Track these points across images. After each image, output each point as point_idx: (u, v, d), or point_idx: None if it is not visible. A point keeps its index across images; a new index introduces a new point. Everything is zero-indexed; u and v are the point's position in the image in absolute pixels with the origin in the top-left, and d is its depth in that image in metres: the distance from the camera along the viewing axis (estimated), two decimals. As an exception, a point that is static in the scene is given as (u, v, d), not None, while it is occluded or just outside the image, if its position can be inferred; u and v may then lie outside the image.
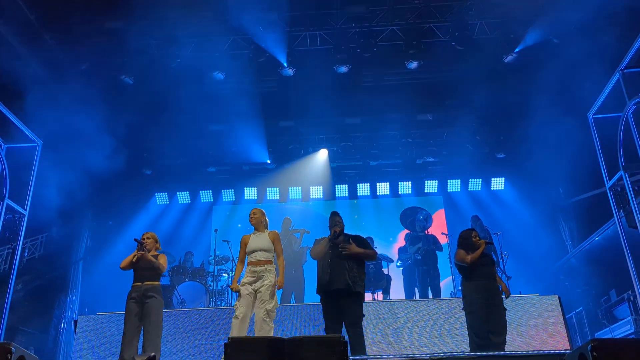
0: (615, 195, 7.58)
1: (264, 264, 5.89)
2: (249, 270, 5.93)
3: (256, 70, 9.97)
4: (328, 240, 6.11)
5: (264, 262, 5.90)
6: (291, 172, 12.55)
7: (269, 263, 5.93)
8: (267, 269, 5.87)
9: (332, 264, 5.94)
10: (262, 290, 5.75)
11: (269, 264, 5.91)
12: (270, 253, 5.99)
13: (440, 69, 10.14)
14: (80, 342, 7.58)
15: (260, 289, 5.77)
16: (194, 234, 12.74)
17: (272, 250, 6.01)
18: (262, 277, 5.82)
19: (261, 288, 5.77)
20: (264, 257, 5.93)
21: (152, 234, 6.56)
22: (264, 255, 5.93)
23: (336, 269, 5.91)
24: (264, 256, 5.93)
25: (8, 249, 9.11)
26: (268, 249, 5.97)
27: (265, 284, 5.77)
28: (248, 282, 5.85)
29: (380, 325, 7.42)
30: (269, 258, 5.94)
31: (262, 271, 5.85)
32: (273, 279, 5.84)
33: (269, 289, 5.77)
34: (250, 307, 5.78)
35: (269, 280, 5.80)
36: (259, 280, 5.81)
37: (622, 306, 8.67)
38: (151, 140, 11.60)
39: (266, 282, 5.79)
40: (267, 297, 5.72)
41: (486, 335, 5.91)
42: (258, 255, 5.94)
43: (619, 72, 7.26)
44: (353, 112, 11.35)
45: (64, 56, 9.20)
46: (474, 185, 12.87)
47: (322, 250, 6.07)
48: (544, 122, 10.41)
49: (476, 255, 6.18)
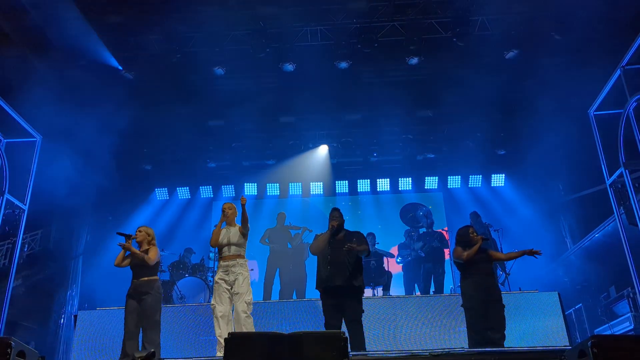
0: (616, 192, 7.58)
1: (235, 258, 5.99)
2: (220, 266, 6.02)
3: (256, 66, 9.94)
4: (327, 235, 6.12)
5: (235, 257, 6.00)
6: (291, 167, 12.54)
7: (241, 257, 6.04)
8: (239, 262, 5.99)
9: (332, 260, 5.95)
10: (238, 284, 5.84)
11: (240, 258, 6.02)
12: (241, 248, 6.07)
13: (441, 65, 10.10)
14: (80, 337, 7.59)
15: (234, 282, 5.84)
16: (194, 229, 12.74)
17: (243, 244, 6.09)
18: (235, 271, 5.90)
19: (236, 282, 5.84)
20: (235, 251, 6.02)
21: (144, 228, 6.51)
22: (235, 250, 6.02)
23: (336, 265, 5.92)
24: (235, 250, 6.02)
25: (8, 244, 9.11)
26: (239, 243, 6.05)
27: (239, 278, 5.86)
28: (222, 278, 5.93)
29: (380, 321, 7.43)
30: (239, 252, 6.04)
31: (234, 265, 5.94)
32: (247, 272, 5.95)
33: (244, 282, 5.86)
34: (228, 304, 5.87)
35: (243, 274, 5.90)
36: (231, 275, 5.88)
37: (622, 303, 8.69)
38: (151, 136, 11.59)
39: (239, 275, 5.88)
40: (243, 290, 5.83)
41: (484, 331, 5.93)
42: (229, 249, 6.01)
43: (620, 68, 7.25)
44: (353, 108, 11.32)
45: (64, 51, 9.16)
46: (474, 182, 12.87)
47: (321, 246, 6.09)
48: (544, 118, 10.40)
49: (472, 252, 6.21)
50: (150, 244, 6.39)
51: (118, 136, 10.84)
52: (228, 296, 5.87)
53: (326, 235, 6.13)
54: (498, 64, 9.68)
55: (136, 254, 6.17)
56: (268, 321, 7.44)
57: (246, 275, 5.94)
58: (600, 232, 9.54)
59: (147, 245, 6.37)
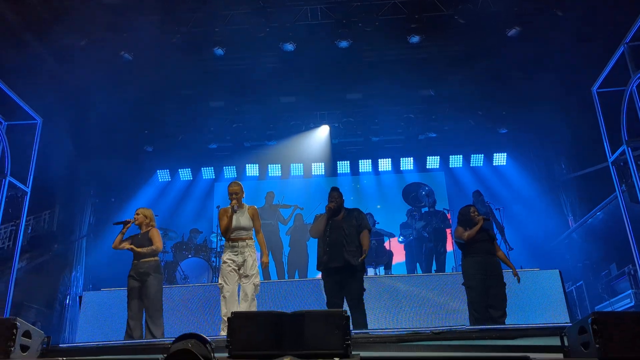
0: (618, 169, 7.57)
1: (245, 239, 5.94)
2: (229, 247, 5.96)
3: (256, 46, 9.86)
4: (325, 218, 6.12)
5: (244, 238, 5.94)
6: (292, 148, 12.52)
7: (250, 239, 5.98)
8: (248, 244, 5.93)
9: (330, 242, 5.97)
10: (247, 265, 5.81)
11: (249, 240, 5.97)
12: (250, 230, 6.02)
13: (443, 44, 10.02)
14: (85, 318, 7.67)
15: (243, 264, 5.83)
16: (197, 210, 12.78)
17: (252, 226, 6.03)
18: (244, 252, 5.86)
19: (245, 263, 5.82)
20: (245, 233, 5.97)
21: (143, 210, 6.51)
22: (244, 233, 5.97)
23: (334, 247, 5.94)
24: (244, 233, 5.97)
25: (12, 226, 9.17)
26: (248, 227, 6.00)
27: (249, 260, 5.83)
28: (230, 258, 5.89)
29: (382, 300, 7.49)
30: (249, 234, 5.99)
31: (244, 246, 5.90)
32: (254, 253, 5.91)
33: (253, 264, 5.84)
34: (235, 284, 5.85)
35: (251, 255, 5.87)
36: (240, 256, 5.85)
37: (623, 280, 8.72)
38: (152, 117, 11.57)
39: (248, 257, 5.85)
40: (253, 272, 5.81)
41: (485, 309, 5.98)
42: (239, 232, 5.96)
43: (624, 45, 7.18)
44: (354, 87, 11.25)
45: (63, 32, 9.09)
46: (476, 161, 12.83)
47: (320, 228, 6.09)
48: (547, 96, 10.35)
49: (472, 233, 6.25)
50: (149, 226, 6.41)
51: (119, 118, 10.83)
52: (236, 277, 5.86)
53: (324, 219, 6.11)
54: (500, 42, 9.59)
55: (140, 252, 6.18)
56: (271, 301, 7.50)
57: (254, 256, 5.90)
58: (602, 210, 9.55)
59: (145, 227, 6.39)
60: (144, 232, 6.36)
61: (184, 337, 2.95)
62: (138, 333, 6.04)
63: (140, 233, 6.39)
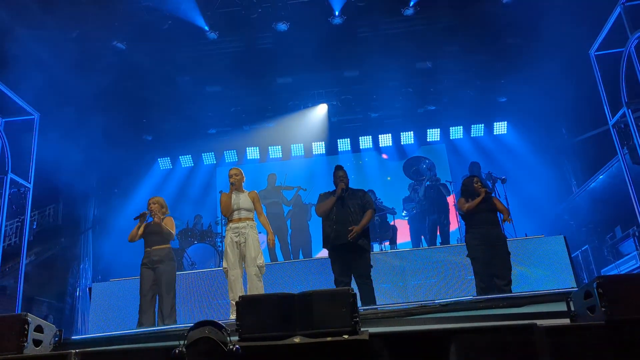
0: (619, 132, 7.54)
1: (245, 220, 5.98)
2: (231, 228, 5.99)
3: (249, 27, 9.76)
4: (335, 197, 6.12)
5: (244, 219, 5.98)
6: (292, 129, 12.49)
7: (250, 219, 6.02)
8: (250, 224, 5.97)
9: (337, 219, 5.99)
10: (247, 246, 5.83)
11: (250, 220, 6.01)
12: (251, 212, 6.06)
13: (437, 15, 9.89)
14: (96, 309, 7.75)
15: (245, 244, 5.85)
16: (200, 196, 12.81)
17: (253, 209, 6.07)
18: (245, 232, 5.89)
19: (246, 244, 5.85)
20: (245, 214, 6.01)
21: (158, 199, 6.57)
22: (245, 214, 6.01)
23: (342, 223, 5.96)
24: (245, 214, 6.01)
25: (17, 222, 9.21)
26: (249, 208, 6.04)
27: (249, 240, 5.85)
28: (232, 239, 5.92)
29: (388, 275, 7.54)
30: (249, 215, 6.03)
31: (245, 227, 5.93)
32: (256, 234, 5.93)
33: (254, 244, 5.85)
34: (239, 266, 5.89)
35: (253, 235, 5.89)
36: (241, 236, 5.88)
37: (628, 242, 8.76)
38: (149, 106, 11.51)
39: (250, 238, 5.87)
40: (254, 252, 5.83)
41: (490, 279, 6.02)
42: (239, 213, 6.01)
43: (620, 5, 7.08)
44: (351, 64, 11.16)
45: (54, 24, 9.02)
46: (477, 131, 12.79)
47: (328, 208, 6.10)
48: (545, 62, 10.24)
49: (472, 205, 6.25)
50: (164, 214, 6.47)
51: (116, 108, 10.79)
52: (239, 258, 5.89)
53: (333, 198, 6.12)
54: (495, 9, 9.47)
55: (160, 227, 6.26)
56: (278, 282, 7.56)
57: (256, 237, 5.91)
58: (604, 173, 9.54)
59: (161, 215, 6.43)
60: (158, 221, 6.38)
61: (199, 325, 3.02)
62: (151, 321, 6.09)
63: (153, 221, 6.41)
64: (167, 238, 6.35)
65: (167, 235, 6.32)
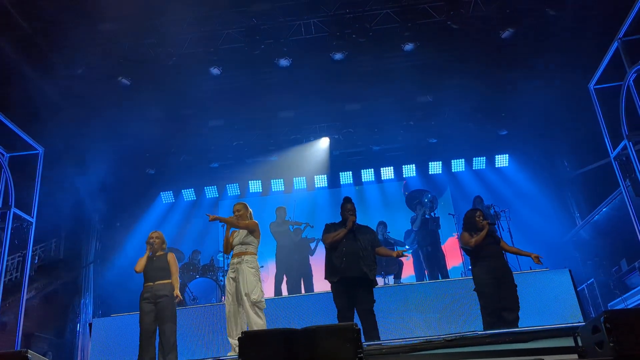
0: (621, 164, 7.55)
1: (241, 255, 5.97)
2: (230, 264, 6.04)
3: (252, 63, 9.92)
4: (346, 229, 6.09)
5: (240, 254, 5.98)
6: (294, 162, 12.54)
7: (245, 254, 5.98)
8: (244, 259, 5.94)
9: (347, 252, 5.96)
10: (242, 281, 5.81)
11: (246, 255, 5.97)
12: (245, 245, 6.03)
13: (437, 49, 10.04)
14: (96, 345, 7.64)
15: (240, 280, 5.83)
16: (202, 229, 12.76)
17: (251, 242, 6.05)
18: (240, 269, 5.88)
19: (241, 279, 5.82)
20: (240, 249, 6.01)
21: (159, 233, 6.63)
22: (240, 248, 6.02)
23: (351, 258, 5.93)
24: (240, 249, 6.02)
25: (19, 257, 9.19)
26: (243, 242, 6.04)
27: (241, 277, 5.82)
28: (230, 276, 5.97)
29: (393, 309, 7.45)
30: (244, 250, 6.00)
31: (239, 262, 5.92)
32: (251, 268, 5.87)
33: (248, 280, 5.80)
34: (235, 302, 5.85)
35: (245, 270, 5.84)
36: (238, 272, 5.88)
37: (634, 275, 8.67)
38: (153, 140, 11.60)
39: (242, 273, 5.83)
40: (249, 288, 5.76)
41: (498, 313, 5.94)
42: (235, 249, 6.05)
43: (618, 40, 7.19)
44: (352, 98, 11.29)
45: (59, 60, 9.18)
46: (478, 164, 12.81)
47: (339, 239, 6.07)
48: (544, 95, 10.36)
49: (479, 239, 6.22)
50: (164, 250, 6.50)
51: (119, 143, 10.88)
52: (235, 294, 5.87)
53: (344, 230, 6.10)
54: (495, 44, 9.62)
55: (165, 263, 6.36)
56: (279, 317, 7.47)
57: (251, 271, 5.85)
58: (607, 206, 9.52)
59: (161, 251, 6.46)
60: (159, 255, 6.40)
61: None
62: (151, 357, 6.02)
63: (154, 255, 6.42)
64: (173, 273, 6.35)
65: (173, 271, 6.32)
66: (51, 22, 8.60)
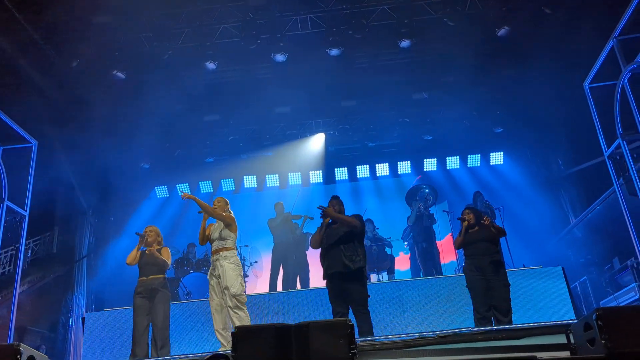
0: (615, 163, 7.57)
1: (220, 251, 5.97)
2: (211, 261, 6.04)
3: (248, 58, 9.89)
4: (321, 230, 6.11)
5: (219, 250, 5.98)
6: (290, 158, 12.51)
7: (224, 249, 5.98)
8: (222, 255, 5.94)
9: (327, 248, 5.97)
10: (222, 277, 5.81)
11: (224, 251, 5.97)
12: (223, 240, 6.03)
13: (434, 46, 10.05)
14: (89, 340, 7.63)
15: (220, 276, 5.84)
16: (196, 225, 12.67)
17: (227, 236, 6.04)
18: (219, 264, 5.88)
19: (220, 275, 5.83)
20: (218, 245, 6.01)
21: (154, 228, 6.64)
22: (218, 244, 6.02)
23: (331, 253, 5.93)
24: (218, 244, 6.02)
25: (11, 251, 9.14)
26: (221, 237, 6.04)
27: (221, 271, 5.82)
28: (211, 272, 5.99)
29: (386, 305, 7.45)
30: (222, 245, 6.00)
31: (218, 259, 5.93)
32: (230, 263, 5.87)
33: (228, 275, 5.80)
34: (220, 297, 5.87)
35: (224, 265, 5.84)
36: (217, 268, 5.89)
37: (626, 273, 8.71)
38: (147, 134, 11.54)
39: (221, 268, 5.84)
40: (228, 282, 5.76)
41: (488, 309, 5.96)
42: (214, 244, 6.05)
43: (613, 39, 7.19)
44: (348, 94, 11.28)
45: (55, 54, 9.12)
46: (473, 161, 12.84)
47: (318, 239, 6.09)
48: (540, 93, 10.37)
49: (459, 239, 6.35)
50: (160, 244, 6.49)
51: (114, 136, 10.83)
52: (217, 289, 5.88)
53: (320, 230, 6.12)
54: (490, 42, 9.62)
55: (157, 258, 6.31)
56: (274, 312, 7.47)
57: (230, 266, 5.85)
58: (601, 204, 9.55)
59: (157, 245, 6.46)
60: (153, 251, 6.39)
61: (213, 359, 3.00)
62: (144, 352, 6.01)
63: (147, 250, 6.41)
64: (163, 268, 6.36)
65: (163, 265, 6.32)
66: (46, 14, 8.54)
